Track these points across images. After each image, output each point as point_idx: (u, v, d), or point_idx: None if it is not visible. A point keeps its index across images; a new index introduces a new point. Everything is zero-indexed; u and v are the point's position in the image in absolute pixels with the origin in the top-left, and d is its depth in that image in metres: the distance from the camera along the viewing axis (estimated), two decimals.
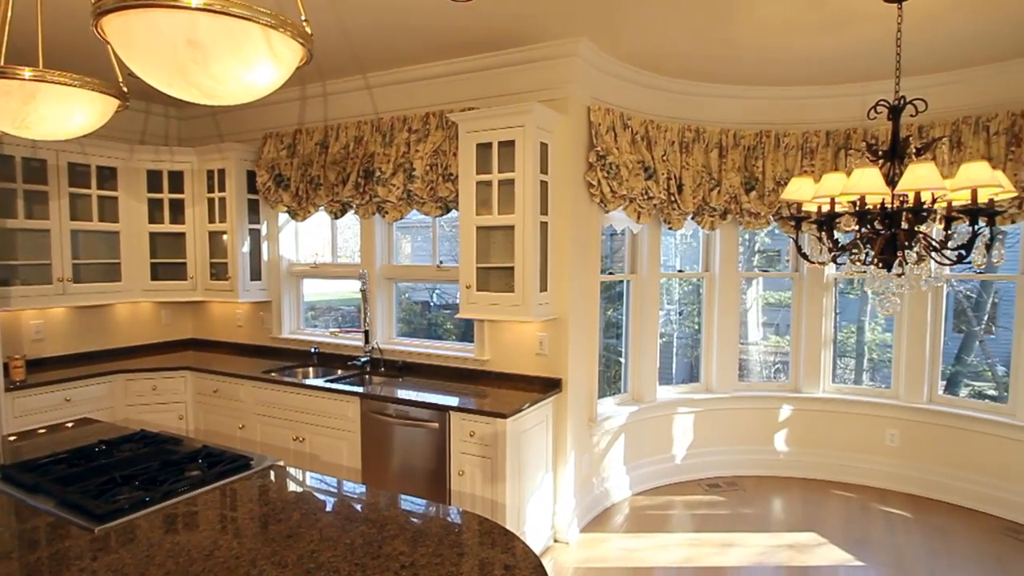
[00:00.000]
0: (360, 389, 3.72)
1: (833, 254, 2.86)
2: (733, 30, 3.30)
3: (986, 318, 7.53)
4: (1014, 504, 4.01)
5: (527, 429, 3.36)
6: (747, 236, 6.57)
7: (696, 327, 5.09)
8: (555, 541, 3.70)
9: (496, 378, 3.87)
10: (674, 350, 6.23)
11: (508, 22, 3.22)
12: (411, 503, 1.98)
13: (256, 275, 4.72)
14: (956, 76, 3.93)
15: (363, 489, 2.10)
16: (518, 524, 3.29)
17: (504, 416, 3.13)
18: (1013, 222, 3.85)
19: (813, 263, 3.04)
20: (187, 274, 4.70)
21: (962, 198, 2.44)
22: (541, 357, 3.75)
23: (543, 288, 3.52)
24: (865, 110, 2.89)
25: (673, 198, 4.16)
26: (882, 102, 2.81)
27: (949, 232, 2.58)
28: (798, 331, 4.82)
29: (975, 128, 3.86)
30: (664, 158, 4.09)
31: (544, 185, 3.50)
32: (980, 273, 4.65)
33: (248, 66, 1.32)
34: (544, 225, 3.53)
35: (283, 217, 4.76)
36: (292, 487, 2.09)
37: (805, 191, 2.83)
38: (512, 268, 3.43)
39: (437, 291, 5.92)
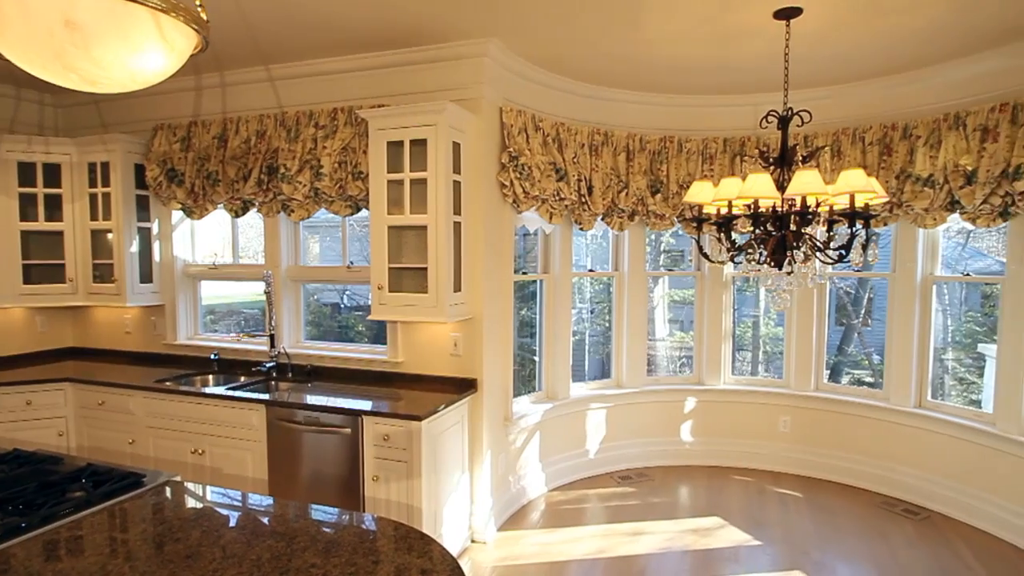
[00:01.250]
0: (266, 396, 3.55)
1: (731, 254, 3.03)
2: (637, 39, 3.43)
3: (863, 312, 8.28)
4: (890, 480, 4.43)
5: (443, 430, 3.34)
6: (653, 237, 6.86)
7: (607, 325, 5.26)
8: (473, 541, 3.69)
9: (410, 380, 3.81)
10: (586, 347, 6.40)
11: (417, 19, 3.18)
12: (322, 512, 1.91)
13: (147, 277, 4.39)
14: (837, 90, 4.28)
15: (270, 501, 2.00)
16: (435, 527, 3.26)
17: (419, 418, 3.08)
18: (885, 225, 4.25)
19: (713, 262, 3.21)
20: (65, 276, 4.29)
21: (842, 203, 2.66)
22: (456, 358, 3.73)
23: (457, 288, 3.51)
24: (758, 119, 3.08)
25: (584, 199, 4.27)
26: (772, 112, 3.02)
27: (831, 234, 2.80)
28: (701, 327, 5.08)
29: (853, 139, 4.22)
30: (575, 160, 4.18)
31: (457, 185, 3.49)
32: (858, 271, 5.09)
33: (135, 52, 1.22)
34: (457, 225, 3.51)
35: (177, 215, 4.45)
36: (191, 503, 1.96)
37: (705, 194, 2.99)
38: (425, 268, 3.39)
39: (348, 292, 5.76)
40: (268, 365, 4.05)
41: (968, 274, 5.61)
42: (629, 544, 3.70)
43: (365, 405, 3.32)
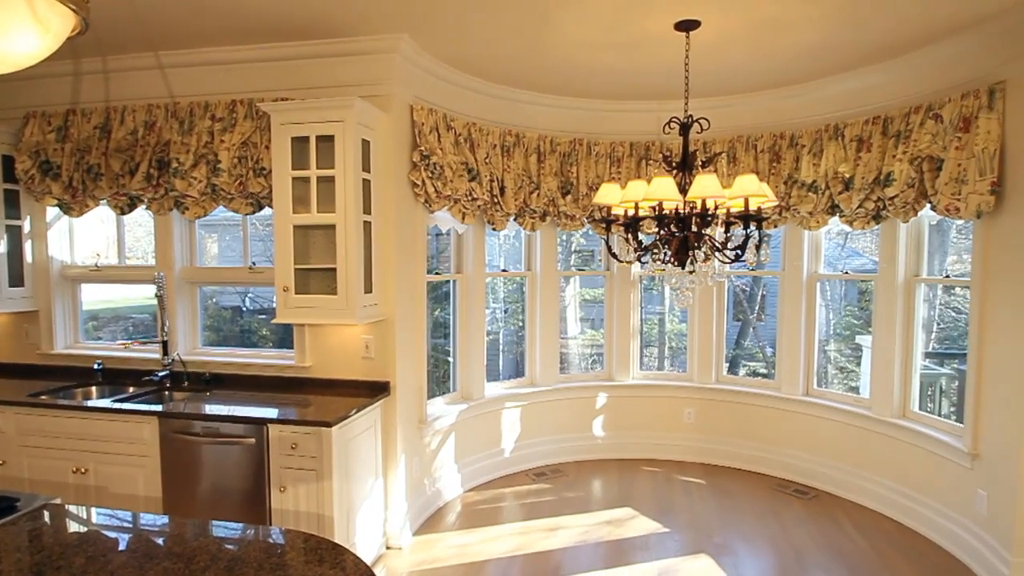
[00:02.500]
0: (158, 407, 3.30)
1: (638, 254, 3.15)
2: (547, 43, 3.49)
3: (757, 308, 8.86)
4: (783, 464, 4.76)
5: (355, 436, 3.24)
6: (565, 237, 6.99)
7: (520, 324, 5.31)
8: (388, 548, 3.61)
9: (320, 385, 3.67)
10: (501, 347, 6.43)
11: (324, 11, 3.07)
12: (225, 529, 1.80)
13: (17, 280, 3.96)
14: (733, 100, 4.54)
15: (165, 520, 1.86)
16: (348, 536, 3.15)
17: (329, 424, 2.98)
18: (775, 226, 4.56)
19: (622, 262, 3.31)
20: None
21: (737, 206, 2.82)
22: (368, 360, 3.63)
23: (368, 290, 3.42)
24: (661, 125, 3.22)
25: (496, 200, 4.29)
26: (674, 119, 3.15)
27: (728, 235, 2.97)
28: (610, 325, 5.24)
29: (746, 146, 4.50)
30: (487, 160, 4.19)
31: (367, 183, 3.40)
32: (752, 270, 5.44)
33: (3, 32, 1.09)
34: (367, 225, 3.42)
35: (53, 212, 4.06)
36: (74, 527, 1.79)
37: (613, 196, 3.08)
38: (334, 269, 3.28)
39: (250, 295, 5.47)
40: (161, 374, 3.77)
41: (847, 272, 6.13)
42: (546, 540, 3.75)
43: (271, 413, 3.17)
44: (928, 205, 3.60)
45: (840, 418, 4.43)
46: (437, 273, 4.65)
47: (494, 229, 4.47)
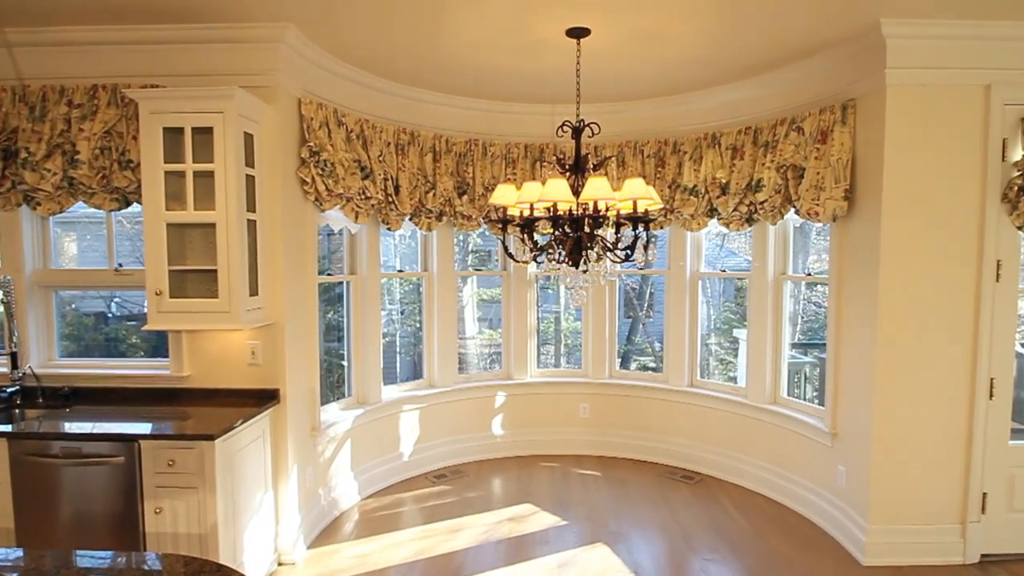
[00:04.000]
0: (7, 427, 2.93)
1: (534, 254, 3.20)
2: (441, 42, 3.46)
3: (646, 305, 9.31)
4: (672, 452, 5.03)
5: (241, 448, 3.04)
6: (461, 237, 6.99)
7: (418, 325, 5.23)
8: (280, 564, 3.43)
9: (200, 396, 3.42)
10: (397, 349, 6.32)
11: None
12: (91, 558, 1.62)
13: None
14: (622, 107, 4.74)
15: (19, 553, 1.65)
16: (235, 555, 2.96)
17: (212, 437, 2.78)
18: (661, 228, 4.81)
19: (518, 262, 3.35)
20: None
21: (626, 208, 2.94)
22: (255, 367, 3.43)
23: (253, 292, 3.22)
24: (555, 128, 3.29)
25: (391, 199, 4.20)
26: (567, 123, 3.24)
27: (618, 236, 3.09)
28: (508, 324, 5.30)
29: (634, 151, 4.71)
30: (380, 158, 4.09)
31: (251, 179, 3.20)
32: (641, 269, 5.70)
33: None
34: (252, 223, 3.23)
35: None
36: None
37: (509, 197, 3.11)
38: (215, 271, 3.06)
39: (117, 300, 4.99)
40: (10, 390, 3.34)
41: (724, 270, 6.58)
42: (448, 542, 3.72)
43: (143, 428, 2.90)
44: (792, 209, 3.94)
45: (721, 406, 4.75)
46: (329, 274, 4.49)
47: (389, 229, 4.37)
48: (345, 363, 4.51)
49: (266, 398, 3.38)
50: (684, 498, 4.36)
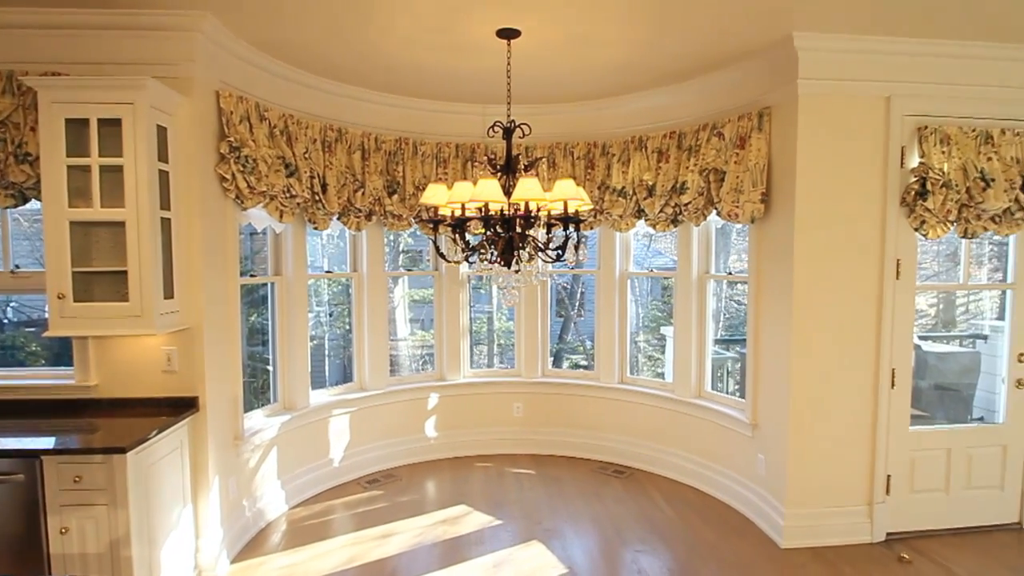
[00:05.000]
0: None
1: (466, 254, 3.18)
2: (370, 38, 3.38)
3: (577, 304, 9.48)
4: (603, 448, 5.13)
5: (156, 460, 2.87)
6: (392, 237, 6.88)
7: (347, 327, 5.10)
8: None
9: (110, 406, 3.20)
10: (326, 352, 6.14)
11: None
12: None
13: None
14: (553, 108, 4.79)
15: None
16: (151, 574, 2.78)
17: (123, 450, 2.60)
18: (591, 228, 4.89)
19: (450, 262, 3.33)
20: None
21: (557, 208, 2.97)
22: (170, 374, 3.24)
23: (168, 295, 3.05)
24: (486, 128, 3.28)
25: (317, 197, 4.07)
26: (498, 123, 3.24)
27: (549, 236, 3.12)
28: (440, 324, 5.25)
29: (564, 152, 4.78)
30: (306, 156, 3.96)
31: (164, 175, 3.03)
32: (572, 269, 5.80)
33: None
34: (167, 222, 3.05)
35: None
36: None
37: (440, 197, 3.08)
38: (125, 272, 2.86)
39: (13, 304, 4.59)
40: None
41: (652, 270, 6.79)
42: (380, 547, 3.64)
43: (45, 443, 2.69)
44: (715, 211, 4.10)
45: (650, 402, 4.89)
46: (252, 275, 4.31)
47: (316, 228, 4.24)
48: (270, 368, 4.34)
49: (184, 407, 3.20)
50: (616, 492, 4.46)
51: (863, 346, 3.65)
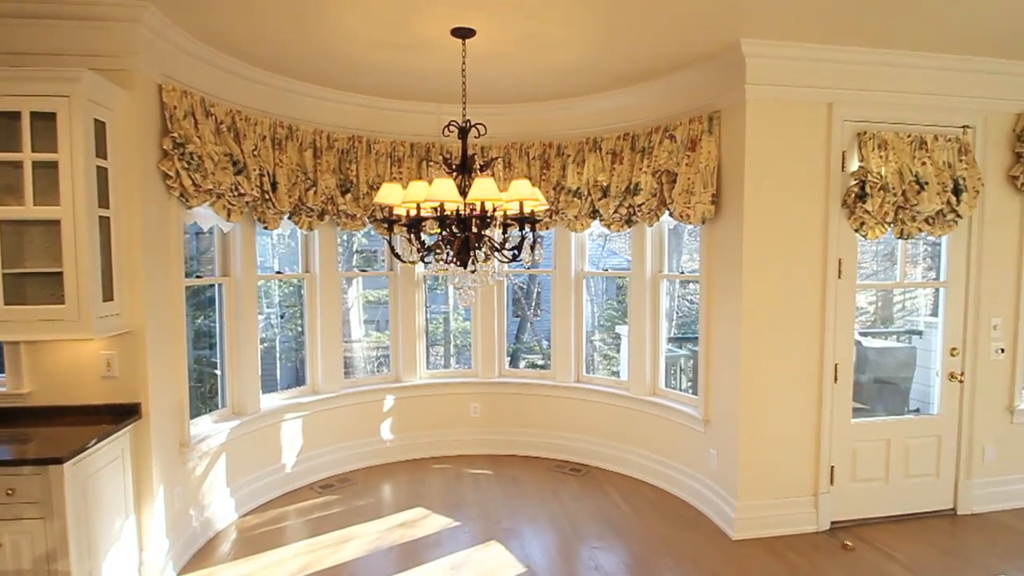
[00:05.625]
0: None
1: (421, 254, 3.15)
2: (322, 34, 3.31)
3: (534, 304, 9.52)
4: (560, 446, 5.16)
5: (96, 471, 2.74)
6: (345, 237, 6.76)
7: (299, 329, 4.98)
8: None
9: (45, 415, 3.04)
10: (277, 355, 5.98)
11: None
12: None
13: None
14: (508, 109, 4.79)
15: None
16: None
17: (59, 460, 2.47)
18: (547, 228, 4.92)
19: (405, 262, 3.29)
20: None
21: (513, 208, 2.98)
22: (111, 380, 3.10)
23: (108, 297, 2.91)
24: (441, 127, 3.26)
25: (267, 196, 3.96)
26: (453, 123, 3.22)
27: (505, 236, 3.13)
28: (396, 325, 5.19)
29: (520, 152, 4.79)
30: (255, 153, 3.85)
31: (103, 172, 2.89)
32: (528, 269, 5.81)
33: None
34: (105, 220, 2.91)
35: None
36: None
37: (395, 196, 3.04)
38: (60, 273, 2.72)
39: None
40: None
41: (607, 270, 6.88)
42: (336, 553, 3.57)
43: None
44: (667, 212, 4.18)
45: (605, 400, 4.95)
46: (199, 276, 4.17)
47: (266, 228, 4.12)
48: (219, 372, 4.20)
49: (125, 414, 3.06)
50: (573, 491, 4.50)
51: (808, 342, 3.78)
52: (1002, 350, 4.05)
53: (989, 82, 3.81)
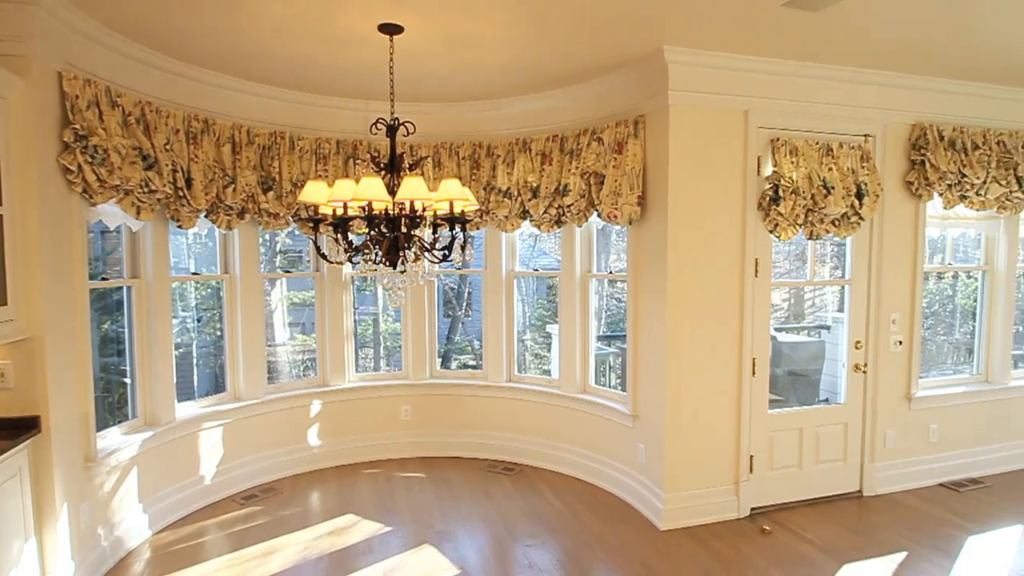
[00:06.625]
0: None
1: (349, 254, 3.07)
2: (241, 23, 3.16)
3: (465, 304, 9.49)
4: (493, 446, 5.16)
5: None
6: (268, 236, 6.51)
7: (219, 333, 4.74)
8: None
9: None
10: (195, 360, 5.67)
11: None
12: None
13: None
14: (438, 108, 4.75)
15: None
16: None
17: None
18: (478, 228, 4.91)
19: (332, 263, 3.20)
20: None
21: (443, 208, 2.95)
22: (6, 392, 2.85)
23: (2, 302, 2.67)
24: (369, 125, 3.19)
25: (181, 193, 3.75)
26: (381, 120, 3.16)
27: (436, 236, 3.10)
28: (323, 328, 5.04)
29: (450, 152, 4.76)
30: (168, 147, 3.63)
31: None
32: (459, 269, 5.78)
33: None
34: None
35: None
36: None
37: (320, 195, 2.95)
38: None
39: None
40: None
41: (537, 270, 6.95)
42: (261, 566, 3.43)
43: None
44: (596, 213, 4.27)
45: (537, 399, 5.00)
46: (105, 278, 3.89)
47: (180, 227, 3.90)
48: (128, 380, 3.94)
49: (23, 428, 2.82)
50: (506, 490, 4.51)
51: (729, 338, 3.96)
52: (900, 342, 4.39)
53: (888, 94, 4.11)
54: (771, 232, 3.94)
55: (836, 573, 3.35)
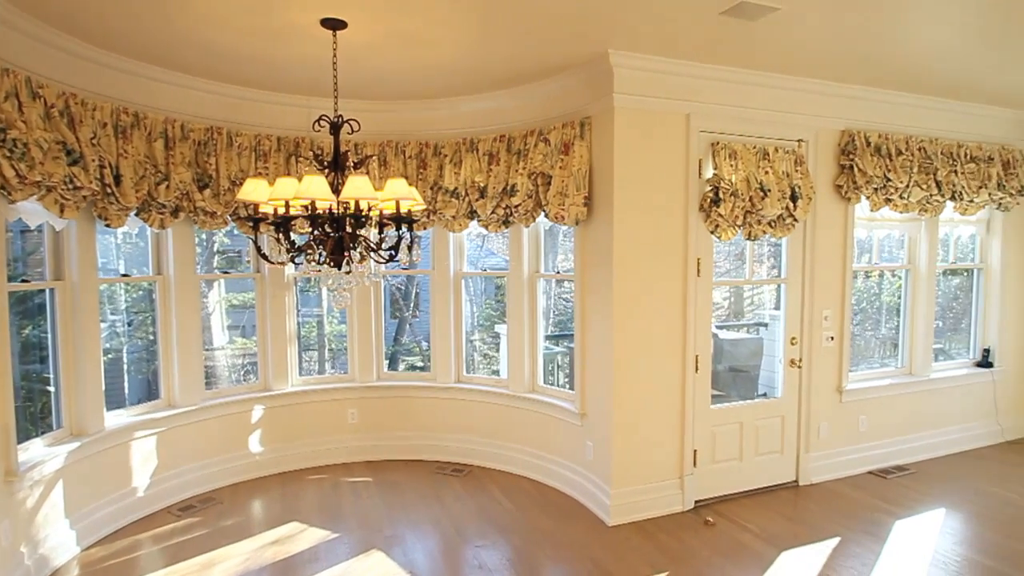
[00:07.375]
0: None
1: (291, 254, 2.98)
2: (171, 13, 3.02)
3: (412, 305, 9.39)
4: (442, 448, 5.12)
5: None
6: (204, 236, 6.25)
7: (151, 337, 4.52)
8: None
9: None
10: (125, 366, 5.37)
11: None
12: None
13: None
14: (384, 106, 4.67)
15: None
16: None
17: None
18: (425, 228, 4.86)
19: (273, 263, 3.10)
20: None
21: (389, 207, 2.91)
22: None
23: None
24: (311, 122, 3.10)
25: (109, 190, 3.55)
26: (324, 117, 3.08)
27: (382, 236, 3.05)
28: (264, 331, 4.88)
29: (396, 151, 4.69)
30: (94, 142, 3.43)
31: None
32: (406, 269, 5.71)
33: None
34: None
35: None
36: None
37: (260, 193, 2.85)
38: None
39: None
40: None
41: (485, 270, 6.94)
42: None
43: None
44: (543, 213, 4.29)
45: (486, 399, 4.99)
46: (25, 280, 3.65)
47: (108, 226, 3.69)
48: (52, 388, 3.70)
49: None
50: (455, 492, 4.48)
51: (673, 336, 4.06)
52: (832, 338, 4.60)
53: (819, 102, 4.30)
54: (712, 233, 4.06)
55: (775, 560, 3.48)
